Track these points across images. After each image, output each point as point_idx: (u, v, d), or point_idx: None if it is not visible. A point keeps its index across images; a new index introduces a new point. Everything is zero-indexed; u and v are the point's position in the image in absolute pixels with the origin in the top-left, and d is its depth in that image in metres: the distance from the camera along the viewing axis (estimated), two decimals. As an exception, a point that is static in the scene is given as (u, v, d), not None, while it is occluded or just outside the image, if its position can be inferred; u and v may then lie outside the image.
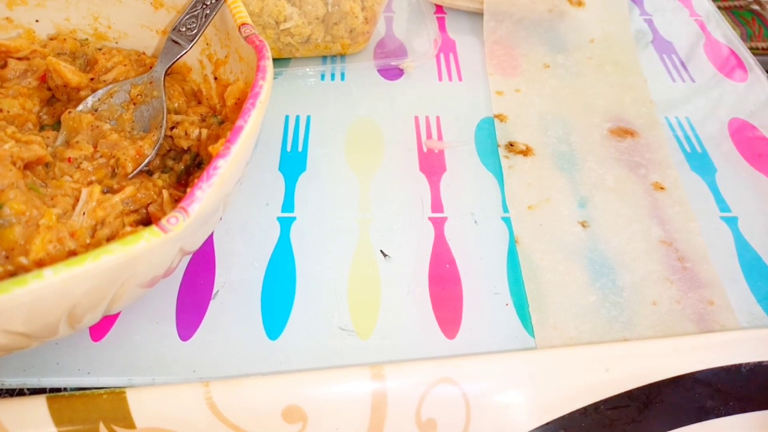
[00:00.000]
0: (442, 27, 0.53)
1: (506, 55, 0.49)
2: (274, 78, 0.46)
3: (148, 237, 0.24)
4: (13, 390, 0.30)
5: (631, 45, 0.50)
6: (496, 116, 0.45)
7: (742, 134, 0.44)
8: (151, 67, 0.37)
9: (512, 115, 0.45)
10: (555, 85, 0.47)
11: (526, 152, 0.42)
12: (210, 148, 0.29)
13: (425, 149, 0.42)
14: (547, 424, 0.30)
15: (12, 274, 0.27)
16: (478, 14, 0.53)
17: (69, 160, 0.32)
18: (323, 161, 0.41)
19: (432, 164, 0.41)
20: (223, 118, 0.36)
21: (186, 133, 0.35)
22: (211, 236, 0.36)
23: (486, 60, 0.49)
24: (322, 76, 0.47)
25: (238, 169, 0.28)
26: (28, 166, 0.31)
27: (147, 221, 0.32)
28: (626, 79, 0.48)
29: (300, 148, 0.42)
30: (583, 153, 0.42)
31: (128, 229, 0.30)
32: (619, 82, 0.47)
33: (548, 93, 0.47)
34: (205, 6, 0.35)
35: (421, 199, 0.39)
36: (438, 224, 0.38)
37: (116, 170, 0.33)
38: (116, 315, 0.32)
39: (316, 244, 0.36)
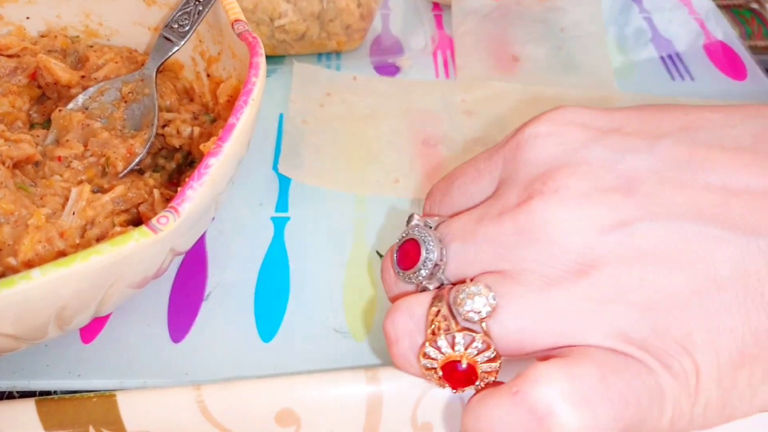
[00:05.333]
0: (438, 24, 0.52)
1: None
2: (268, 75, 0.45)
3: (138, 237, 0.23)
4: (3, 393, 0.30)
5: (601, 35, 0.49)
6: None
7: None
8: (142, 65, 0.36)
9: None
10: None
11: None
12: (201, 147, 0.29)
13: (422, 148, 0.42)
14: (544, 426, 0.29)
15: (0, 275, 0.27)
16: (475, 12, 0.52)
17: (59, 159, 0.32)
18: (318, 160, 0.40)
19: (428, 163, 0.41)
20: (216, 116, 0.36)
21: (178, 132, 0.34)
22: (203, 237, 0.35)
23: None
24: (318, 74, 0.47)
25: (231, 168, 0.27)
26: (17, 165, 0.31)
27: (138, 221, 0.31)
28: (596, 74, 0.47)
29: (295, 147, 0.41)
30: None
31: (118, 229, 0.29)
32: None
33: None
34: (197, 2, 0.34)
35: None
36: (434, 224, 0.37)
37: (107, 169, 0.32)
38: (107, 317, 0.32)
39: (310, 245, 0.36)
